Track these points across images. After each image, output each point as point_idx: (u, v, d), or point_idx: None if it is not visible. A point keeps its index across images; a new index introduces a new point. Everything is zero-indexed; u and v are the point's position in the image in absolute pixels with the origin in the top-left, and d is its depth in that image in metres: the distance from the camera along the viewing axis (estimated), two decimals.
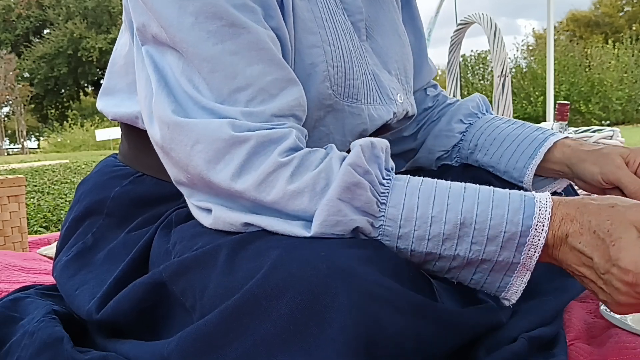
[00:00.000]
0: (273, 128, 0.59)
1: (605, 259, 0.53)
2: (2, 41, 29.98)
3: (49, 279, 1.11)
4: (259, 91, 0.60)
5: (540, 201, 0.57)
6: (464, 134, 0.93)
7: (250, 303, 0.50)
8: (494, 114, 0.97)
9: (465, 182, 0.60)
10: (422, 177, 0.60)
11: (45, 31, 31.18)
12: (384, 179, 0.59)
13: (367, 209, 0.57)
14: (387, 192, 0.58)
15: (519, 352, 0.63)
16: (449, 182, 0.60)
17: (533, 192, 0.59)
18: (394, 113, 0.81)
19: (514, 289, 0.59)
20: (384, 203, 0.58)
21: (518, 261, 0.57)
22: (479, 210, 0.57)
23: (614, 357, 0.64)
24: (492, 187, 0.59)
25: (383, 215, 0.57)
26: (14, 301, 0.77)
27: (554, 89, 3.63)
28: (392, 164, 0.61)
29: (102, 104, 0.81)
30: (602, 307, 0.76)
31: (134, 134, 0.77)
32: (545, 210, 0.56)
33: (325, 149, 0.61)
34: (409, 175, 0.60)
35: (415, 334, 0.53)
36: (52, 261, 1.37)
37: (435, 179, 0.60)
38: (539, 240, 0.56)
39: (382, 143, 0.60)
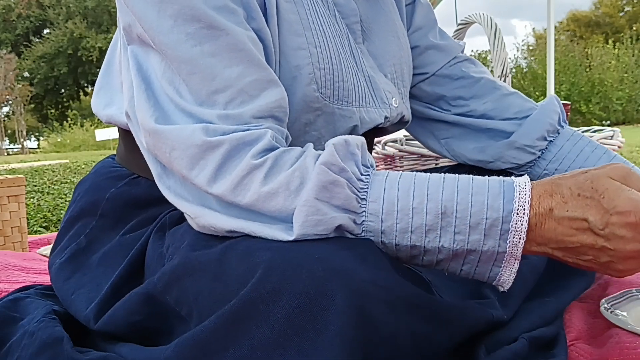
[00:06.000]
0: (248, 130, 0.58)
1: (602, 212, 0.53)
2: (2, 41, 29.98)
3: (49, 279, 1.11)
4: (238, 92, 0.60)
5: (519, 185, 0.56)
6: (544, 151, 0.87)
7: (247, 308, 0.50)
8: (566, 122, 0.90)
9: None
10: (400, 172, 0.60)
11: (45, 31, 31.17)
12: (362, 174, 0.58)
13: (347, 206, 0.56)
14: (367, 188, 0.57)
15: (519, 352, 0.63)
16: (427, 174, 0.59)
17: (512, 177, 0.58)
18: (386, 117, 0.80)
19: (504, 278, 0.58)
20: (364, 199, 0.57)
21: (504, 250, 0.56)
22: (459, 198, 0.56)
23: (615, 357, 0.64)
24: (471, 175, 0.59)
25: (364, 211, 0.57)
26: (14, 301, 0.77)
27: (555, 89, 3.63)
28: (370, 160, 0.60)
29: (95, 102, 0.81)
30: (603, 306, 0.76)
31: (130, 136, 0.77)
32: (525, 194, 0.55)
33: (303, 147, 0.61)
34: (387, 171, 0.60)
35: (411, 332, 0.52)
36: None
37: (415, 172, 0.59)
38: (522, 225, 0.55)
39: (357, 140, 0.59)
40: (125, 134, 0.79)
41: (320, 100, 0.71)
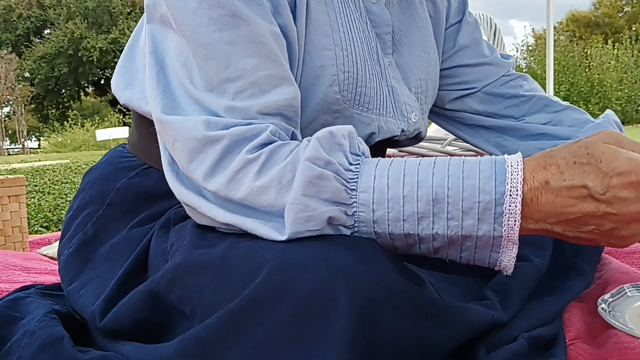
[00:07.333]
0: (250, 124, 0.58)
1: (601, 176, 0.52)
2: (3, 41, 29.99)
3: (50, 279, 1.11)
4: (249, 85, 0.60)
5: (511, 165, 0.54)
6: None
7: (251, 307, 0.50)
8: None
9: None
10: (392, 158, 0.59)
11: (46, 31, 31.18)
12: (351, 164, 0.57)
13: (337, 198, 0.55)
14: (356, 178, 0.56)
15: (519, 351, 0.63)
16: (419, 158, 0.58)
17: (505, 156, 0.56)
18: (403, 130, 0.80)
19: (505, 264, 0.57)
20: (353, 189, 0.56)
21: (500, 234, 0.54)
22: (450, 183, 0.54)
23: (614, 357, 0.64)
24: (462, 157, 0.57)
25: (355, 202, 0.56)
26: (14, 301, 0.77)
27: (554, 89, 3.64)
28: (362, 148, 0.59)
29: (115, 82, 0.80)
30: (600, 307, 0.76)
31: (145, 123, 0.76)
32: (518, 174, 0.54)
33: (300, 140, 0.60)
34: (379, 158, 0.59)
35: (415, 334, 0.52)
36: (52, 261, 1.37)
37: (406, 158, 0.58)
38: (516, 207, 0.53)
39: (344, 130, 0.58)
40: (141, 121, 0.78)
41: (340, 102, 0.71)
